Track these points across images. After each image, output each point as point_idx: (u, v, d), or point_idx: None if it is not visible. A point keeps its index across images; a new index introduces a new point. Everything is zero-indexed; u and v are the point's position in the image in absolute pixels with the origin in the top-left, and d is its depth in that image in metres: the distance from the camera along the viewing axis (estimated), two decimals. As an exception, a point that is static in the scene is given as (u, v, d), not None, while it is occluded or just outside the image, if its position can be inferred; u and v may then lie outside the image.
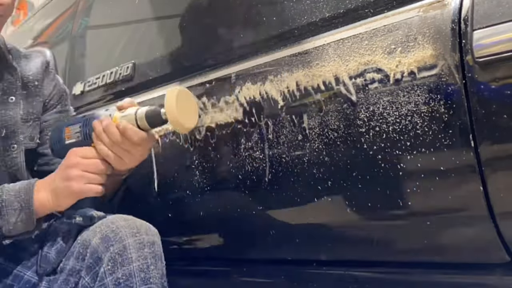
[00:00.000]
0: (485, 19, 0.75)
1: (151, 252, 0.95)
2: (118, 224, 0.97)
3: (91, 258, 0.95)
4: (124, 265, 0.92)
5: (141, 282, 0.92)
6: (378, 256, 0.98)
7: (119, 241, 0.94)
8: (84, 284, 0.96)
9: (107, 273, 0.92)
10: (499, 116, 0.75)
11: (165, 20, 1.39)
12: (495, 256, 0.83)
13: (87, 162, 1.01)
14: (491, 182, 0.78)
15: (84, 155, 1.02)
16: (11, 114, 1.15)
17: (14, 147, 1.14)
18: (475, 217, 0.82)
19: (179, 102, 0.97)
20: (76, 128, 1.06)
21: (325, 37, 0.95)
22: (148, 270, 0.93)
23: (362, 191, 0.91)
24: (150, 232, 0.98)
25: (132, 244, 0.94)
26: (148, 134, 1.02)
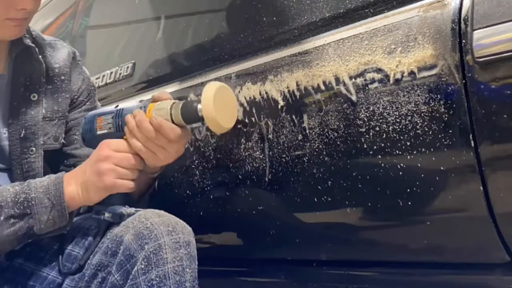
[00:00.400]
0: (485, 19, 0.75)
1: (186, 253, 0.90)
2: (153, 221, 0.91)
3: (122, 255, 0.90)
4: (159, 266, 0.87)
5: (176, 285, 0.87)
6: (378, 256, 0.98)
7: (154, 239, 0.88)
8: (113, 281, 0.90)
9: (140, 272, 0.87)
10: (499, 116, 0.75)
11: (165, 20, 1.39)
12: (495, 256, 0.83)
13: (120, 156, 0.95)
14: (491, 182, 0.78)
15: (116, 148, 0.96)
16: (32, 113, 1.06)
17: (33, 150, 1.06)
18: (475, 217, 0.82)
19: (217, 98, 0.90)
20: (109, 119, 1.01)
21: (325, 37, 0.95)
22: (183, 273, 0.88)
23: (362, 191, 0.91)
24: (185, 230, 0.92)
25: (168, 244, 0.88)
26: (184, 130, 0.95)
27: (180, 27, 1.31)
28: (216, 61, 1.16)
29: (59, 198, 0.94)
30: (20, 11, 1.00)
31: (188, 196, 1.18)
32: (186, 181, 1.18)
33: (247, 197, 1.08)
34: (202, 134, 1.14)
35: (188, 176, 1.17)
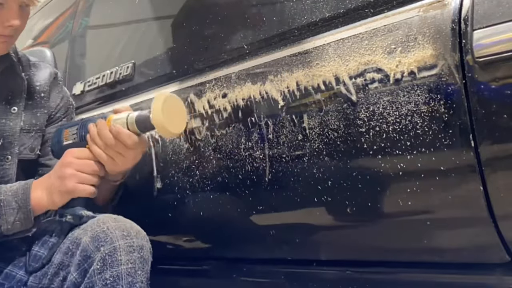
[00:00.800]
0: (485, 19, 0.75)
1: (139, 257, 0.97)
2: (109, 225, 0.98)
3: (80, 255, 0.98)
4: (113, 267, 0.94)
5: (128, 285, 0.94)
6: (378, 256, 0.98)
7: (110, 242, 0.96)
8: (71, 279, 0.98)
9: (96, 272, 0.95)
10: (499, 116, 0.75)
11: (165, 20, 1.39)
12: (495, 256, 0.83)
13: (81, 162, 1.05)
14: (491, 182, 0.78)
15: (78, 155, 1.05)
16: (11, 124, 1.15)
17: (8, 158, 1.15)
18: (475, 217, 0.82)
19: (166, 107, 1.01)
20: (73, 130, 1.11)
21: (325, 37, 0.95)
22: (136, 275, 0.95)
23: (361, 190, 0.91)
24: (140, 235, 1.00)
25: (122, 247, 0.96)
26: (141, 138, 1.05)
27: (180, 26, 1.31)
28: (215, 62, 1.16)
29: (25, 201, 1.03)
30: (7, 28, 1.08)
31: (188, 196, 1.19)
32: (186, 181, 1.18)
33: (247, 197, 1.08)
34: (203, 135, 1.14)
35: (188, 176, 1.17)
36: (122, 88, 1.42)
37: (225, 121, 1.09)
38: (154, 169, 1.25)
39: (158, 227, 1.30)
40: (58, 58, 1.76)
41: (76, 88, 1.60)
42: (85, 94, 1.57)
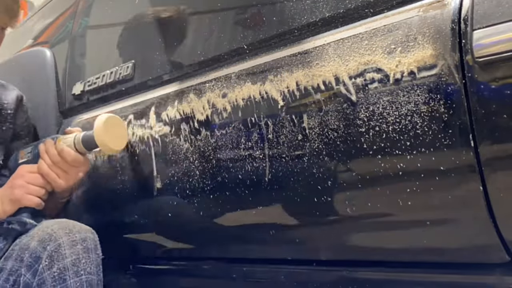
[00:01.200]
0: (485, 19, 0.75)
1: (83, 248, 1.08)
2: (53, 227, 1.10)
3: (30, 258, 1.08)
4: (59, 261, 1.05)
5: (74, 274, 1.05)
6: (378, 256, 0.98)
7: (54, 240, 1.07)
8: (25, 280, 1.07)
9: (45, 268, 1.05)
10: (499, 116, 0.75)
11: (165, 20, 1.39)
12: (495, 256, 0.83)
13: (31, 176, 1.20)
14: (491, 182, 0.78)
15: (29, 170, 1.21)
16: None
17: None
18: (475, 217, 0.82)
19: (107, 127, 1.16)
20: (28, 150, 1.28)
21: (325, 37, 0.95)
22: (80, 264, 1.07)
23: (361, 190, 0.91)
24: (82, 230, 1.11)
25: (66, 242, 1.07)
26: (84, 158, 1.22)
27: (180, 26, 1.31)
28: (216, 61, 1.16)
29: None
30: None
31: (189, 196, 1.19)
32: (186, 182, 1.18)
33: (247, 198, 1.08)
34: (202, 134, 1.14)
35: (189, 176, 1.18)
36: (122, 88, 1.42)
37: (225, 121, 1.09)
38: (154, 169, 1.25)
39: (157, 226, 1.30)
40: (58, 58, 1.76)
41: (76, 88, 1.60)
42: (85, 94, 1.56)
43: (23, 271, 1.08)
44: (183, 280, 1.37)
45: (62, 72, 1.70)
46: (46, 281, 1.05)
